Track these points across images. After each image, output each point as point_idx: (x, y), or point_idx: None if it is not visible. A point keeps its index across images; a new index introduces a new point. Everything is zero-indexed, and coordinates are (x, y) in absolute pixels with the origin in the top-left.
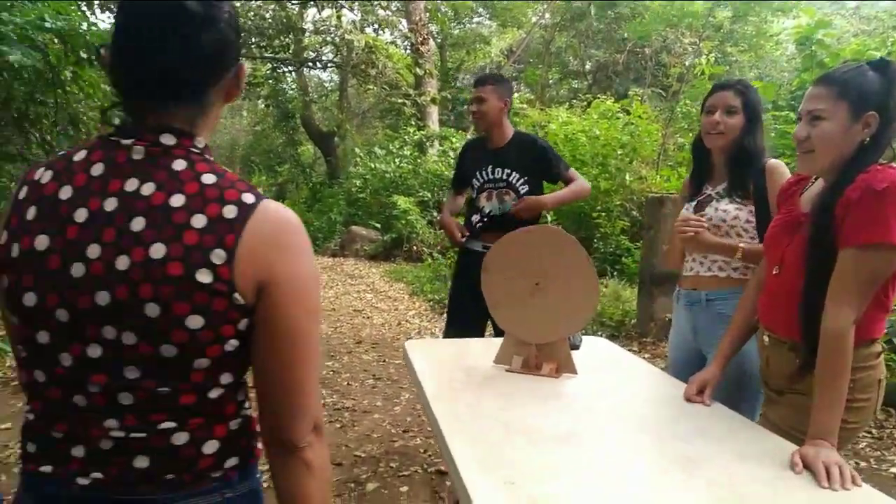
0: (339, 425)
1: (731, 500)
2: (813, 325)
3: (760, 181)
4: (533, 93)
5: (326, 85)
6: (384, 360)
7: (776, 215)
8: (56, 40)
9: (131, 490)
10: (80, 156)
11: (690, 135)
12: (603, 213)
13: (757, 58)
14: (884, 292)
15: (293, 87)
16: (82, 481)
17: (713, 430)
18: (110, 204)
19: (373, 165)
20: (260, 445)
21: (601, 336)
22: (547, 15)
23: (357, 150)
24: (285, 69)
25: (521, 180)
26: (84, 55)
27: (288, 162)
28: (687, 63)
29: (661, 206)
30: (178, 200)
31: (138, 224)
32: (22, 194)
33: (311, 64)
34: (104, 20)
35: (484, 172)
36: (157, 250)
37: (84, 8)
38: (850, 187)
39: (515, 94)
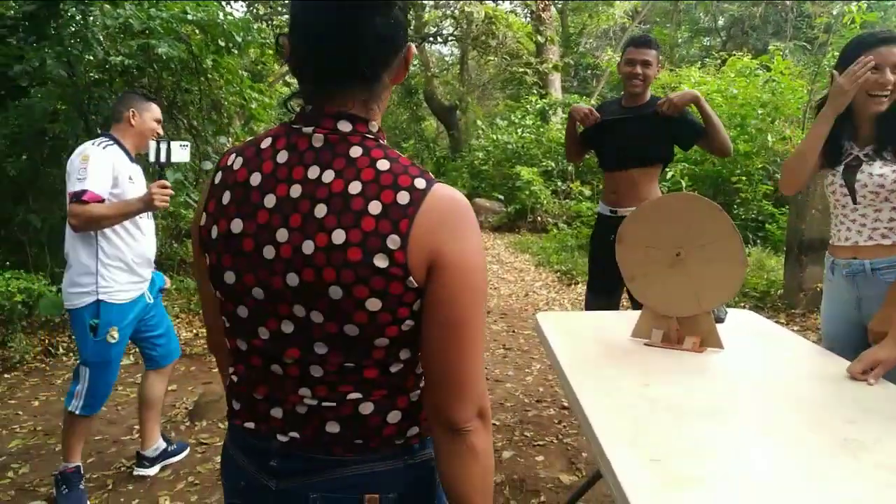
0: None
1: None
2: None
3: None
4: (662, 53)
5: (447, 59)
6: (513, 331)
7: None
8: (197, 31)
9: (325, 450)
10: (266, 143)
11: None
12: (743, 178)
13: None
14: None
15: (415, 62)
16: (282, 438)
17: (881, 410)
18: (295, 191)
19: (495, 137)
20: None
21: (744, 308)
22: None
23: (479, 122)
24: None
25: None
26: (222, 44)
27: (412, 137)
28: (835, 12)
29: None
30: (355, 187)
31: (321, 210)
32: (217, 179)
33: (431, 39)
34: (238, 10)
35: (615, 135)
36: (339, 236)
37: None
38: None
39: None
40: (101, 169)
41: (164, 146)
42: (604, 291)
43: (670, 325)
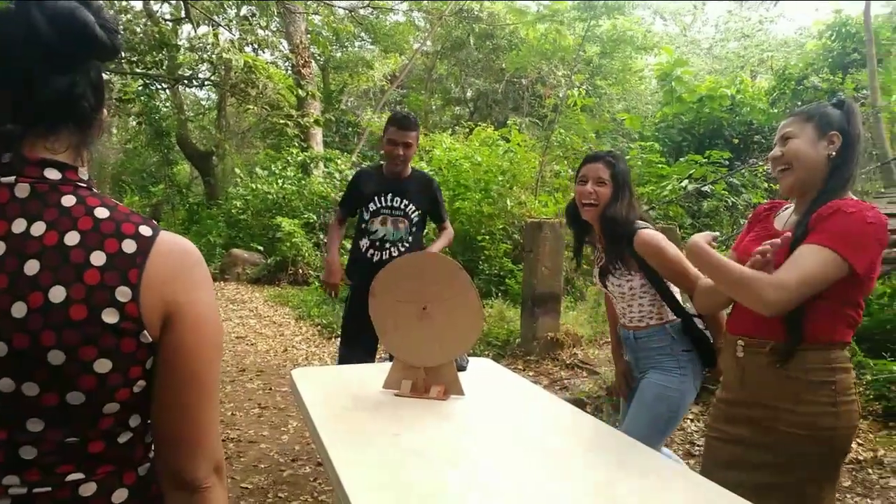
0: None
1: None
2: (796, 322)
3: (637, 253)
4: (420, 125)
5: (203, 103)
6: (270, 388)
7: (749, 235)
8: None
9: None
10: None
11: (565, 162)
12: (487, 237)
13: (624, 91)
14: (854, 307)
15: (167, 104)
16: None
17: (596, 444)
18: None
19: (254, 186)
20: None
21: (488, 356)
22: (428, 42)
23: (237, 170)
24: (158, 86)
25: (416, 213)
26: None
27: (163, 182)
28: (560, 94)
29: (540, 230)
30: (72, 238)
31: (32, 267)
32: None
33: (186, 81)
34: None
35: (382, 198)
36: (57, 293)
37: None
38: (824, 207)
39: None
40: None
41: None
42: (363, 344)
43: (418, 376)
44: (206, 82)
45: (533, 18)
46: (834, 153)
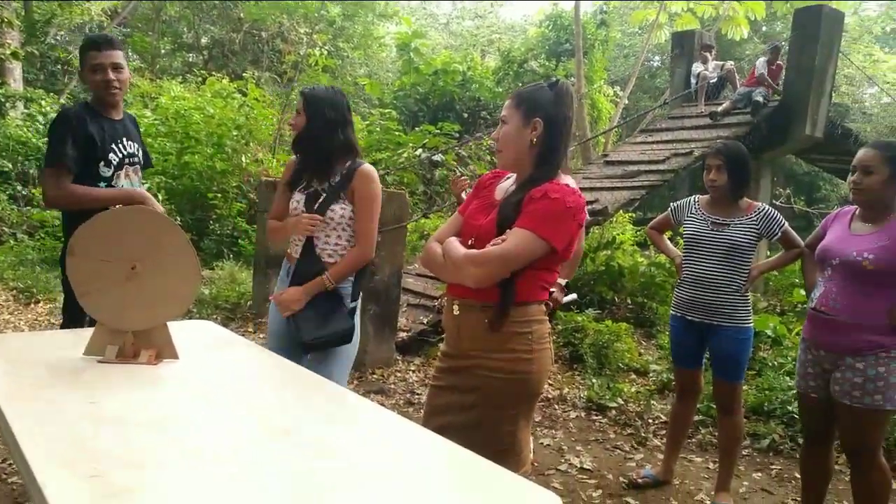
0: None
1: (321, 460)
2: (508, 288)
3: (354, 183)
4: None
5: None
6: None
7: (475, 202)
8: None
9: None
10: None
11: None
12: (219, 195)
13: (366, 56)
14: (550, 272)
15: None
16: None
17: (310, 400)
18: None
19: None
20: None
21: (216, 319)
22: None
23: None
24: None
25: (141, 156)
26: None
27: None
28: (302, 52)
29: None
30: None
31: None
32: None
33: None
34: None
35: (120, 146)
36: None
37: None
38: (537, 188)
39: None
40: None
41: None
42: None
43: (126, 340)
44: None
45: None
46: (535, 139)
